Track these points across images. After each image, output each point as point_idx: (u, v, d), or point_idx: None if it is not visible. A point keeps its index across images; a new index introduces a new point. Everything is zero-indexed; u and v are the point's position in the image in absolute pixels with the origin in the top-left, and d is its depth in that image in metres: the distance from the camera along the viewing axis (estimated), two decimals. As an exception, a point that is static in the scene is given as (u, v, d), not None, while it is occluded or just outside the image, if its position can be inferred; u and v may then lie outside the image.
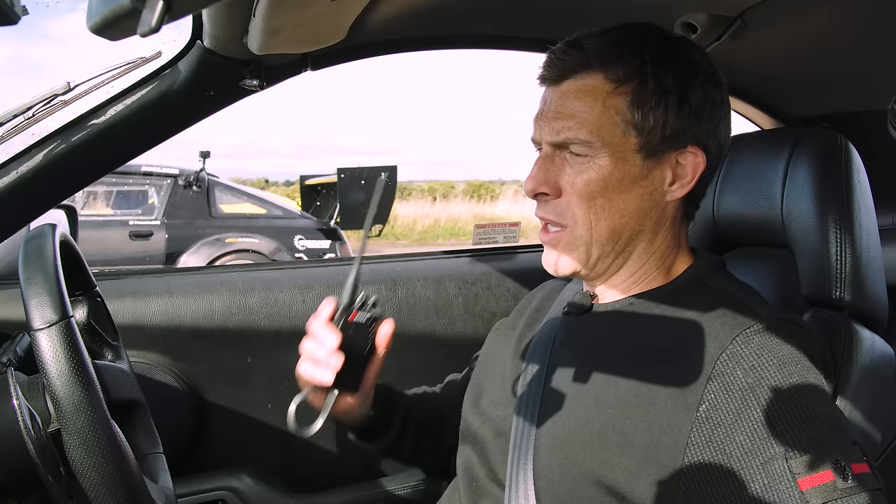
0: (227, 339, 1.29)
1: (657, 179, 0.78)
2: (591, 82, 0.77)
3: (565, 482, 0.75)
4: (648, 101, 0.76)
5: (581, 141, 0.76)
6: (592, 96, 0.76)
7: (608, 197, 0.77)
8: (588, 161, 0.77)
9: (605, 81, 0.76)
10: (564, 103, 0.78)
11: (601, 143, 0.76)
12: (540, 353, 0.88)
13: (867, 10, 0.97)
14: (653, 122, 0.76)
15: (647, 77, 0.76)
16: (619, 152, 0.76)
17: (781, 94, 1.36)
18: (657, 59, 0.76)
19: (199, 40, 0.96)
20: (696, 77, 0.78)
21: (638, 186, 0.78)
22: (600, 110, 0.76)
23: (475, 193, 18.14)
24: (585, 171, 0.77)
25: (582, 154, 0.77)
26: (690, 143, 0.78)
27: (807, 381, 0.68)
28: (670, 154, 0.78)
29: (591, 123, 0.76)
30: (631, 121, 0.76)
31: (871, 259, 0.90)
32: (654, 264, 0.83)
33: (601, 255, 0.80)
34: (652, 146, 0.77)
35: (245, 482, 1.29)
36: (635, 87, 0.76)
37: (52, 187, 1.01)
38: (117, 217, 6.21)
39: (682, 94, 0.77)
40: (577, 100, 0.77)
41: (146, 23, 0.31)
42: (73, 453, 0.64)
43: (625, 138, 0.76)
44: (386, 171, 6.98)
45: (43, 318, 0.66)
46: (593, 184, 0.77)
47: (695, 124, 0.78)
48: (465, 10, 1.09)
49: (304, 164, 65.87)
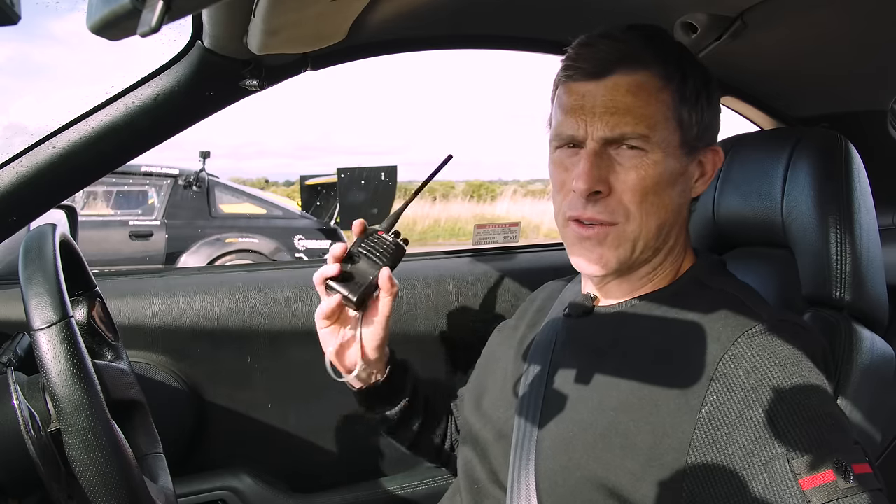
0: (227, 339, 1.29)
1: (690, 175, 0.82)
2: (641, 78, 0.77)
3: (568, 484, 0.75)
4: (690, 99, 0.79)
5: (638, 135, 0.76)
6: (646, 92, 0.77)
7: (658, 193, 0.78)
8: (642, 156, 0.76)
9: (655, 78, 0.77)
10: (616, 97, 0.76)
11: (657, 138, 0.76)
12: (541, 355, 0.88)
13: (867, 9, 0.97)
14: (693, 118, 0.79)
15: (686, 76, 0.78)
16: (669, 148, 0.78)
17: (781, 94, 1.36)
18: (689, 59, 0.81)
19: (199, 40, 0.96)
20: (711, 78, 0.82)
21: (679, 182, 0.80)
22: (655, 106, 0.77)
23: (475, 193, 18.14)
24: (640, 166, 0.76)
25: (638, 148, 0.76)
26: (714, 140, 0.83)
27: (808, 382, 0.68)
28: (701, 151, 0.81)
29: (648, 119, 0.76)
30: (679, 117, 0.78)
31: (871, 259, 0.90)
32: (670, 262, 0.84)
33: (644, 249, 0.80)
34: (691, 143, 0.79)
35: (245, 482, 1.28)
36: (678, 85, 0.78)
37: (52, 187, 1.01)
38: (117, 217, 6.22)
39: (709, 93, 0.81)
40: (630, 95, 0.76)
41: (146, 23, 0.31)
42: (73, 453, 0.64)
43: (673, 134, 0.78)
44: (386, 170, 7.00)
45: (43, 318, 0.66)
46: (648, 179, 0.76)
47: (715, 122, 0.83)
48: (465, 10, 1.09)
49: (304, 164, 65.93)
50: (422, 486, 1.37)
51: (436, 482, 1.37)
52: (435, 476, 1.37)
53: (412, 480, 1.38)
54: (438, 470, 1.37)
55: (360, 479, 1.38)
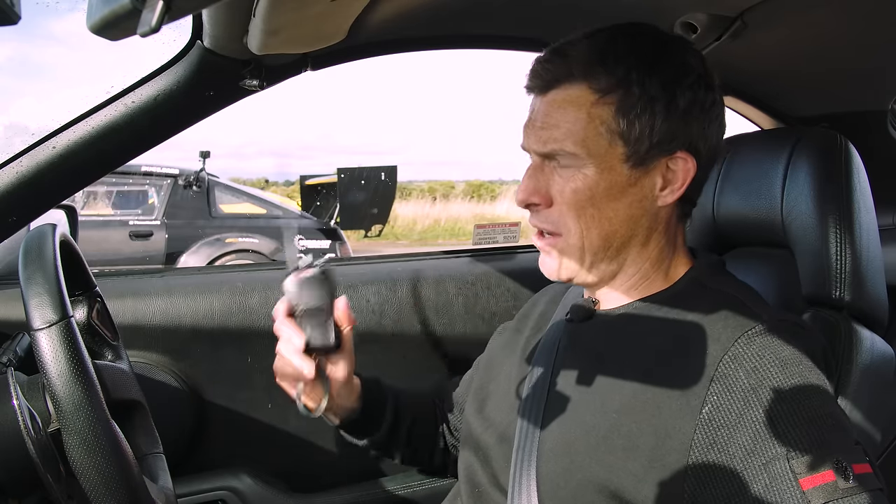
0: (227, 339, 1.29)
1: (647, 186, 0.78)
2: (575, 93, 0.76)
3: (570, 487, 0.75)
4: (633, 109, 0.75)
5: (566, 153, 0.76)
6: (576, 107, 0.76)
7: (597, 206, 0.77)
8: (575, 172, 0.76)
9: (590, 91, 0.75)
10: (550, 113, 0.77)
11: (587, 154, 0.75)
12: (544, 359, 0.88)
13: (867, 10, 0.97)
14: (639, 129, 0.75)
15: (631, 85, 0.74)
16: (606, 162, 0.76)
17: (781, 94, 1.36)
18: (643, 64, 0.75)
19: (199, 40, 0.96)
20: (684, 80, 0.76)
21: (627, 195, 0.77)
22: (585, 121, 0.75)
23: (475, 193, 18.15)
24: (572, 181, 0.77)
25: (568, 165, 0.77)
26: (679, 148, 0.77)
27: (808, 382, 0.68)
28: (659, 160, 0.77)
29: (575, 135, 0.75)
30: (616, 130, 0.75)
31: (871, 259, 0.90)
32: (650, 268, 0.83)
33: (594, 261, 0.80)
34: (640, 154, 0.76)
35: (245, 482, 1.29)
36: (620, 96, 0.75)
37: (52, 187, 1.01)
38: (117, 217, 6.22)
39: (669, 99, 0.75)
40: (561, 110, 0.76)
41: (146, 23, 0.31)
42: (73, 453, 0.64)
43: (611, 148, 0.76)
44: (386, 170, 7.00)
45: (43, 318, 0.66)
46: (581, 193, 0.77)
47: (683, 128, 0.76)
48: (465, 10, 1.09)
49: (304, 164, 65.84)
50: (422, 487, 1.37)
51: (436, 483, 1.37)
52: (435, 477, 1.37)
53: (412, 480, 1.38)
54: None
55: (360, 479, 1.38)
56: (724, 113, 0.82)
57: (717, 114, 0.80)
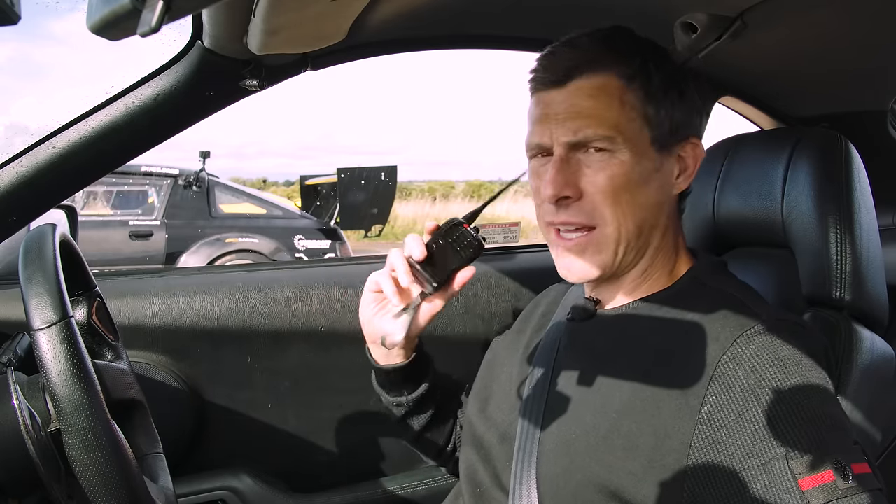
0: (227, 339, 1.29)
1: (668, 172, 0.81)
2: (601, 81, 0.78)
3: (569, 487, 0.75)
4: (657, 96, 0.79)
5: (602, 136, 0.77)
6: (608, 94, 0.77)
7: (632, 192, 0.78)
8: (610, 157, 0.77)
9: (617, 79, 0.78)
10: (577, 102, 0.78)
11: (623, 138, 0.77)
12: (545, 359, 0.88)
13: (867, 10, 0.97)
14: (663, 115, 0.79)
15: (650, 74, 0.79)
16: (639, 147, 0.78)
17: (781, 94, 1.36)
18: (654, 56, 0.80)
19: (199, 40, 0.96)
20: (685, 73, 0.83)
21: (654, 179, 0.80)
22: (618, 107, 0.77)
23: (475, 193, 18.15)
24: (608, 167, 0.77)
25: (605, 149, 0.77)
26: (692, 134, 0.82)
27: (808, 382, 0.68)
28: (677, 146, 0.81)
29: (610, 120, 0.77)
30: (645, 115, 0.78)
31: (871, 259, 0.90)
32: (660, 263, 0.84)
33: (626, 252, 0.80)
34: (663, 139, 0.79)
35: (245, 482, 1.28)
36: (644, 84, 0.78)
37: (52, 187, 1.01)
38: (117, 217, 6.22)
39: (680, 87, 0.81)
40: (591, 98, 0.77)
41: (146, 23, 0.31)
42: (73, 453, 0.64)
43: (641, 133, 0.78)
44: (386, 170, 7.00)
45: (43, 318, 0.66)
46: (617, 179, 0.77)
47: (694, 116, 0.82)
48: (465, 9, 1.09)
49: (304, 164, 65.91)
50: (422, 487, 1.37)
51: (436, 483, 1.37)
52: (435, 476, 1.37)
53: (412, 480, 1.38)
54: (438, 470, 1.37)
55: (360, 479, 1.38)
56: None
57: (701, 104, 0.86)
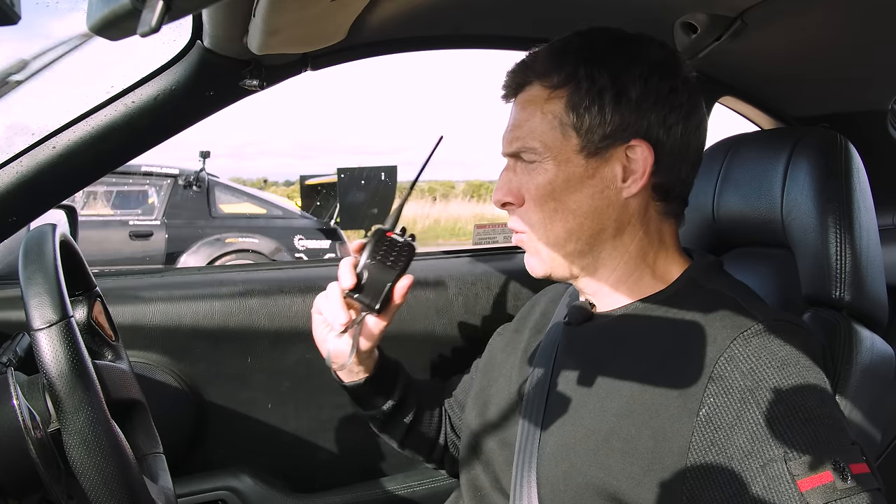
0: (227, 339, 1.29)
1: (607, 177, 0.79)
2: (532, 93, 0.81)
3: (569, 490, 0.75)
4: (583, 102, 0.78)
5: (528, 148, 0.80)
6: (533, 105, 0.80)
7: (558, 199, 0.79)
8: (536, 167, 0.80)
9: (542, 89, 0.80)
10: (515, 115, 0.83)
11: (544, 147, 0.79)
12: (544, 362, 0.88)
13: (867, 10, 0.97)
14: (590, 120, 0.78)
15: (580, 79, 0.78)
16: (561, 154, 0.79)
17: (781, 94, 1.36)
18: (593, 59, 0.78)
19: (199, 40, 0.96)
20: (634, 70, 0.77)
21: (586, 186, 0.79)
22: (540, 117, 0.79)
23: (475, 193, 18.16)
24: (535, 176, 0.80)
25: (531, 161, 0.81)
26: (634, 137, 0.78)
27: (806, 382, 0.68)
28: (615, 150, 0.78)
29: (533, 130, 0.80)
30: (568, 122, 0.78)
31: (871, 259, 0.90)
32: (633, 265, 0.82)
33: (564, 255, 0.82)
34: (594, 145, 0.78)
35: (245, 482, 1.28)
36: (569, 91, 0.78)
37: (52, 187, 1.01)
38: (117, 217, 6.22)
39: (618, 90, 0.77)
40: (523, 111, 0.82)
41: (146, 23, 0.31)
42: (73, 453, 0.64)
43: (565, 141, 0.79)
44: (386, 170, 7.00)
45: (43, 318, 0.66)
46: (542, 188, 0.80)
47: (637, 118, 0.77)
48: (466, 10, 1.09)
49: (304, 164, 65.89)
50: (422, 487, 1.37)
51: (436, 482, 1.36)
52: (435, 476, 1.37)
53: (412, 480, 1.38)
54: (438, 470, 1.37)
55: (360, 479, 1.38)
56: (691, 102, 0.80)
57: (679, 102, 0.79)
